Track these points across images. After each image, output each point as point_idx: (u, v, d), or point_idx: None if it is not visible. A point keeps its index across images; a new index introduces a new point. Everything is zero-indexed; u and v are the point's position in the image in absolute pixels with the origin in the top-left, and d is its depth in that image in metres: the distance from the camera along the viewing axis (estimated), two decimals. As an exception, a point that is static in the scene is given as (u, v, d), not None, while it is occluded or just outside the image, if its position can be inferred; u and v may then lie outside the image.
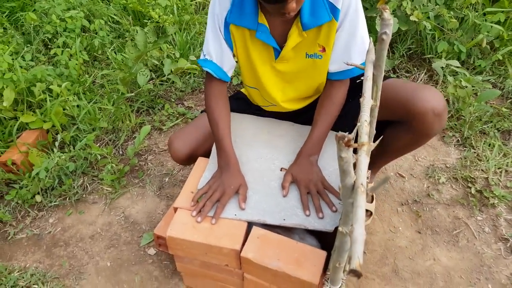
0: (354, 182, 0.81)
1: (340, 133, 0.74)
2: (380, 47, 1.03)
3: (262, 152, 1.49)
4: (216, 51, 1.36)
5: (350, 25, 1.26)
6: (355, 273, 0.69)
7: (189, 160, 1.55)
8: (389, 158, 1.59)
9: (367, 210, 1.73)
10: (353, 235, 0.72)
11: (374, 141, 1.34)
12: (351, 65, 1.12)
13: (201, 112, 1.66)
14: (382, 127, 1.43)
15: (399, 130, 1.40)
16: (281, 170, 1.43)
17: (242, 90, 1.70)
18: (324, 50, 1.31)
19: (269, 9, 1.16)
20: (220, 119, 1.41)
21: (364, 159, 0.83)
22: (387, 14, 0.98)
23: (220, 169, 1.40)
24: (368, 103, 0.98)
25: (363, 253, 1.20)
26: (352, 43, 1.28)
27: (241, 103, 1.64)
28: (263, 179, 1.41)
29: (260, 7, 1.26)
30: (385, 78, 1.38)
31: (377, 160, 1.57)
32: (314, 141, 1.39)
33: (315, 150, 1.39)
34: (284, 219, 1.29)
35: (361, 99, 0.99)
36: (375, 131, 1.24)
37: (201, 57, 1.41)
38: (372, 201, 1.74)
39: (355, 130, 0.77)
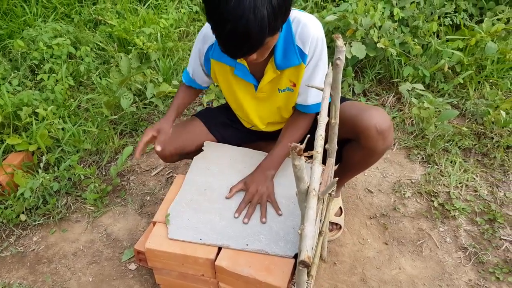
0: (308, 187, 0.92)
1: (293, 144, 0.85)
2: (335, 71, 1.16)
3: (234, 180, 1.56)
4: (193, 69, 1.61)
5: (314, 66, 1.42)
6: (304, 264, 0.79)
7: (174, 158, 1.67)
8: (348, 174, 1.71)
9: (337, 224, 1.83)
10: (303, 232, 0.83)
11: (336, 160, 1.46)
12: (311, 87, 1.25)
13: (191, 116, 1.78)
14: (342, 146, 1.56)
15: (352, 148, 1.53)
16: None
17: None
18: (294, 85, 1.48)
19: None
20: (176, 98, 1.67)
21: (317, 168, 0.95)
22: (339, 42, 1.12)
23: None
24: (324, 119, 1.11)
25: (315, 250, 1.29)
26: (313, 80, 1.43)
27: (229, 114, 1.75)
28: (231, 206, 1.49)
29: None
30: (343, 100, 1.52)
31: (339, 177, 1.69)
32: (273, 158, 1.53)
33: (272, 166, 1.52)
34: (247, 244, 1.37)
35: (318, 116, 1.12)
36: (336, 147, 1.37)
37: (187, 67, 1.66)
38: (341, 215, 1.84)
39: (305, 141, 0.89)
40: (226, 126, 1.73)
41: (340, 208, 1.87)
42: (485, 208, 1.93)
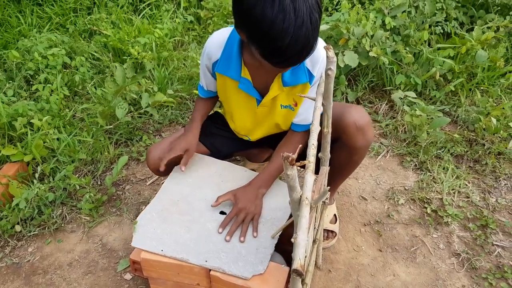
0: (300, 196, 0.93)
1: (285, 154, 0.87)
2: (327, 81, 1.19)
3: (208, 193, 1.56)
4: (206, 82, 1.61)
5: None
6: (297, 273, 0.81)
7: (166, 171, 1.66)
8: (338, 178, 1.73)
9: (332, 231, 1.85)
10: (296, 241, 0.84)
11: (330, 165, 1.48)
12: (304, 97, 1.27)
13: (182, 127, 1.79)
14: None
15: (336, 149, 1.54)
16: (220, 213, 1.51)
17: (220, 110, 1.85)
18: (296, 104, 1.51)
19: (269, 67, 1.25)
20: (197, 111, 1.68)
21: (309, 177, 0.97)
22: (330, 53, 1.15)
23: (184, 132, 1.65)
24: (316, 129, 1.13)
25: (308, 259, 1.30)
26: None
27: (220, 123, 1.77)
28: (200, 220, 1.48)
29: (244, 62, 1.44)
30: None
31: (331, 182, 1.71)
32: (266, 176, 1.55)
33: (264, 184, 1.54)
34: (206, 261, 1.36)
35: (310, 126, 1.14)
36: (329, 155, 1.39)
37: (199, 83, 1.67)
38: (336, 222, 1.86)
39: (297, 151, 0.90)
40: (217, 135, 1.74)
41: (335, 215, 1.88)
42: (477, 214, 1.96)
